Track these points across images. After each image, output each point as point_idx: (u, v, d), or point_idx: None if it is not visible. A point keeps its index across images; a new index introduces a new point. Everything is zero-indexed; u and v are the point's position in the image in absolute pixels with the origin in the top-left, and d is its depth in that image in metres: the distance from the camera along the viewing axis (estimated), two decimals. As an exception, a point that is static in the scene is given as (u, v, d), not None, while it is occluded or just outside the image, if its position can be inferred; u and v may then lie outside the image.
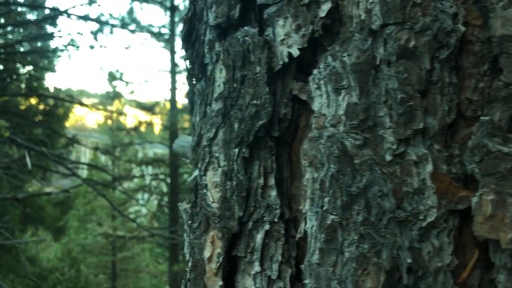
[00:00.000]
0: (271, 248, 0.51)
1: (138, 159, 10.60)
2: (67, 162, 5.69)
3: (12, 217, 10.20)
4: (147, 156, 11.22)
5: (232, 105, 0.53)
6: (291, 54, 0.49)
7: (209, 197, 0.55)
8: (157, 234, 6.95)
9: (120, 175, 8.80)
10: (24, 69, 9.99)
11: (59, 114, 10.28)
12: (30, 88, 10.01)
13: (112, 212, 11.67)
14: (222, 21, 0.54)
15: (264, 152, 0.52)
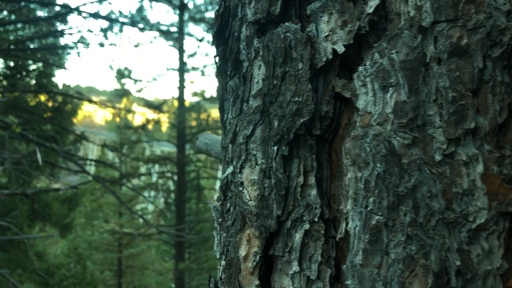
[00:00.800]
0: (310, 248, 0.50)
1: (145, 157, 10.65)
2: (76, 159, 5.73)
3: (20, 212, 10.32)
4: (154, 154, 11.26)
5: (271, 102, 0.52)
6: (336, 51, 0.48)
7: (246, 195, 0.55)
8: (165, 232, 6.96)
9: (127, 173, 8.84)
10: (34, 66, 10.09)
11: (67, 110, 10.37)
12: (39, 85, 10.11)
13: (118, 209, 11.73)
14: (262, 17, 0.54)
15: (304, 150, 0.51)
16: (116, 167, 7.00)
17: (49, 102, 10.56)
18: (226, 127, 0.68)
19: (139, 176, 10.62)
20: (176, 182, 10.36)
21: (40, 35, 8.36)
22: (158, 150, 12.83)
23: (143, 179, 11.74)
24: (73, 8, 7.96)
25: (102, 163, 7.20)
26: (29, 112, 9.25)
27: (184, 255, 10.22)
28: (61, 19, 8.70)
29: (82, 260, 10.57)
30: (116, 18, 8.49)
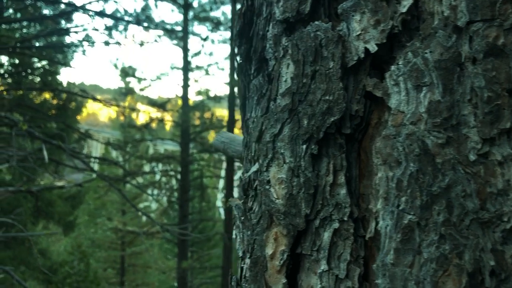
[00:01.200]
0: (339, 246, 0.50)
1: (149, 156, 10.67)
2: (82, 157, 5.75)
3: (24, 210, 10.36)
4: (158, 153, 11.29)
5: (300, 100, 0.52)
6: (368, 50, 0.48)
7: (273, 193, 0.55)
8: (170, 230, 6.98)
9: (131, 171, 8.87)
10: (39, 64, 10.13)
11: (72, 108, 10.40)
12: (44, 83, 10.14)
13: (122, 207, 11.77)
14: (291, 15, 0.54)
15: (333, 149, 0.51)
16: (121, 165, 7.02)
17: (54, 100, 10.59)
18: (249, 125, 0.68)
19: (142, 174, 10.65)
20: (179, 180, 10.38)
21: (45, 33, 8.40)
22: (161, 148, 12.86)
23: (146, 178, 11.77)
24: (78, 6, 7.98)
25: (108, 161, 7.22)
26: (34, 109, 9.28)
27: (187, 254, 10.24)
28: (67, 17, 8.72)
29: (85, 258, 10.61)
30: (121, 17, 8.51)
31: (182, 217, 9.71)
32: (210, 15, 10.36)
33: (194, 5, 10.18)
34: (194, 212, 11.25)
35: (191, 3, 10.13)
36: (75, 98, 9.98)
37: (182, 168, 10.40)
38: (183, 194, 10.08)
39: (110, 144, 9.56)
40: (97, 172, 5.88)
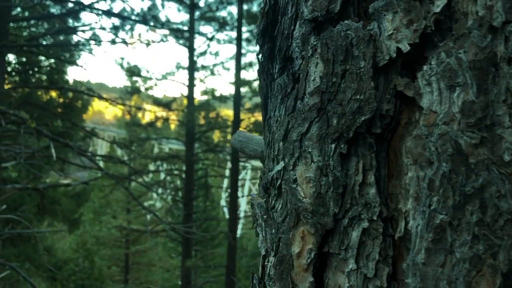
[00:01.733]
0: (367, 246, 0.50)
1: (154, 155, 10.71)
2: (89, 155, 5.79)
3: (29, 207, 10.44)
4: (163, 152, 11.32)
5: (329, 99, 0.52)
6: (400, 49, 0.48)
7: (300, 192, 0.55)
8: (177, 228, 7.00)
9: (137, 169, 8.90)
10: (46, 62, 10.19)
11: (78, 107, 10.45)
12: (51, 81, 10.21)
13: (126, 206, 11.83)
14: (320, 14, 0.54)
15: (362, 148, 0.51)
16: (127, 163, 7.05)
17: (60, 98, 10.65)
18: (272, 124, 0.68)
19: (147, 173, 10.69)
20: (184, 180, 10.41)
21: (53, 31, 8.45)
22: (166, 147, 12.90)
23: (151, 176, 11.82)
24: (86, 5, 8.03)
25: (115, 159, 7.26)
26: (41, 107, 9.35)
27: (191, 253, 10.27)
28: (74, 16, 8.77)
29: (90, 256, 10.68)
30: (128, 16, 8.55)
31: (187, 216, 9.73)
32: (216, 15, 10.37)
33: (200, 5, 10.20)
34: (199, 211, 11.27)
35: (197, 3, 10.14)
36: (81, 97, 10.04)
37: (187, 167, 10.43)
38: (187, 193, 10.10)
39: (115, 142, 9.61)
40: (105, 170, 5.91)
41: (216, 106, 11.36)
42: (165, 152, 11.34)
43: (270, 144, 0.68)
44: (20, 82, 10.41)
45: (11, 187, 7.89)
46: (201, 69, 10.68)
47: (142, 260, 12.60)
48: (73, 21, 8.59)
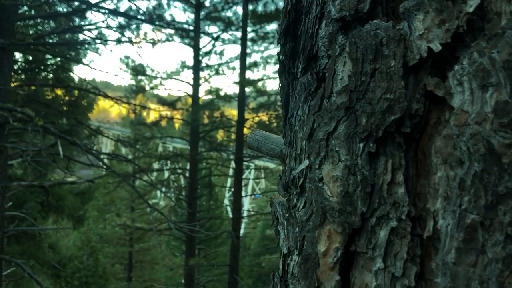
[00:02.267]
0: (395, 245, 0.50)
1: (158, 153, 10.74)
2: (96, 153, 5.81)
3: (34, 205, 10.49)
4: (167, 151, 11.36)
5: (358, 98, 0.52)
6: (431, 49, 0.48)
7: (326, 190, 0.55)
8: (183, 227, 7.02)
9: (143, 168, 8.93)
10: (52, 60, 10.24)
11: (83, 105, 10.50)
12: (57, 79, 10.26)
13: (130, 204, 11.89)
14: (348, 14, 0.54)
15: (391, 147, 0.51)
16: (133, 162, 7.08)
17: (66, 97, 10.71)
18: (294, 123, 0.69)
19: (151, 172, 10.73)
20: (188, 178, 10.44)
21: (60, 30, 8.49)
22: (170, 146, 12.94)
23: (155, 175, 11.86)
24: (92, 4, 8.06)
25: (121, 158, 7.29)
26: (46, 105, 9.39)
27: (195, 251, 10.29)
28: (80, 15, 8.81)
29: (95, 253, 10.73)
30: (134, 15, 8.58)
31: (190, 215, 9.76)
32: (222, 15, 10.38)
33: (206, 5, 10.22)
34: (202, 210, 11.30)
35: (203, 2, 10.16)
36: (87, 95, 10.08)
37: (191, 166, 10.45)
38: (191, 192, 10.13)
39: (120, 141, 9.65)
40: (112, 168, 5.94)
41: (220, 106, 11.37)
42: (169, 151, 11.37)
43: (292, 143, 0.69)
44: (26, 80, 10.48)
45: (17, 184, 7.94)
46: (206, 69, 10.70)
47: (146, 258, 12.65)
48: (79, 20, 8.64)
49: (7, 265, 9.26)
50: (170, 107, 10.54)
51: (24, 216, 8.80)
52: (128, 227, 11.60)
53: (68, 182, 7.36)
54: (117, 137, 10.90)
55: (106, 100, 9.96)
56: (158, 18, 9.23)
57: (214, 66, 10.71)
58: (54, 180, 8.34)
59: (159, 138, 10.85)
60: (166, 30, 10.01)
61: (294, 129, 0.68)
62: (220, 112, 11.18)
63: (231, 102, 11.72)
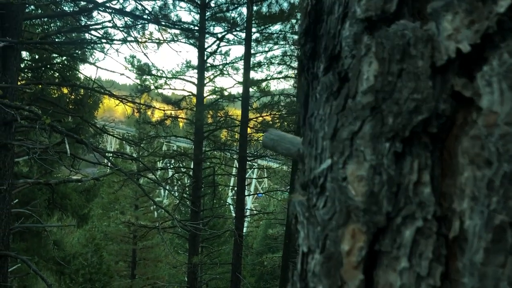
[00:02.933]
0: (421, 245, 0.51)
1: (163, 152, 10.78)
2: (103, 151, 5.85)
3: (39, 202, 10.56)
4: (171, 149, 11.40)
5: (384, 98, 0.52)
6: (460, 50, 0.48)
7: (351, 190, 0.55)
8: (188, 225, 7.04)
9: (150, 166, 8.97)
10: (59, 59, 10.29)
11: (89, 104, 10.53)
12: (63, 78, 10.31)
13: (135, 202, 11.94)
14: (374, 14, 0.54)
15: (417, 147, 0.52)
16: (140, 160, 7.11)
17: (72, 95, 10.75)
18: (314, 123, 0.69)
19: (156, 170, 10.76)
20: (192, 177, 10.46)
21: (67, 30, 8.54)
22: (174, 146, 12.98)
23: (159, 174, 11.90)
24: (99, 3, 8.11)
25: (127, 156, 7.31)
26: (53, 104, 9.46)
27: (198, 249, 10.32)
28: (87, 15, 8.86)
29: (99, 251, 10.79)
30: (140, 15, 8.61)
31: (194, 213, 9.78)
32: (227, 15, 10.40)
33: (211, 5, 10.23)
34: (206, 209, 11.33)
35: (208, 3, 10.18)
36: (92, 94, 10.12)
37: (194, 166, 10.48)
38: (195, 191, 10.15)
39: (125, 140, 9.69)
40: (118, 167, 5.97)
41: (224, 106, 11.39)
42: (174, 150, 11.41)
43: (312, 142, 0.69)
44: (33, 78, 10.54)
45: (23, 182, 8.00)
46: (210, 69, 10.72)
47: (149, 256, 12.70)
48: (86, 20, 8.68)
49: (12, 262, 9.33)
50: (175, 106, 10.57)
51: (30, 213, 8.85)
52: (132, 225, 11.65)
53: (73, 180, 7.41)
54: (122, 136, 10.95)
55: (111, 99, 10.01)
56: (163, 18, 9.26)
57: (219, 66, 10.73)
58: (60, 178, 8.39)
59: (163, 137, 10.89)
60: (171, 30, 10.04)
61: (314, 128, 0.68)
62: (224, 112, 11.20)
63: (235, 102, 11.73)
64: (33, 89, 9.81)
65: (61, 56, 9.87)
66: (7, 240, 7.29)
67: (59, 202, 10.76)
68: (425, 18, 0.54)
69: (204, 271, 11.27)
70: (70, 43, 8.98)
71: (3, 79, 6.69)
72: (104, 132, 9.01)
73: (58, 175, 10.94)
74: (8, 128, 6.85)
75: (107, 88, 9.40)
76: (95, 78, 8.72)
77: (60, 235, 11.89)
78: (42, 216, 10.57)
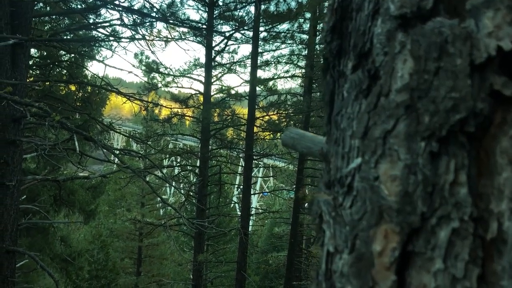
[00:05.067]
0: (457, 246, 0.50)
1: (170, 150, 10.82)
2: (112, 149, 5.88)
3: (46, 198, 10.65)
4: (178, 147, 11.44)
5: (420, 97, 0.51)
6: (500, 48, 0.47)
7: (383, 190, 0.54)
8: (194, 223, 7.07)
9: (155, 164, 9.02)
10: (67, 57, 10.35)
11: (97, 101, 10.59)
12: (71, 75, 10.37)
13: (141, 200, 12.01)
14: (410, 11, 0.53)
15: (454, 147, 0.51)
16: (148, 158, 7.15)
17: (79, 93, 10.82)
18: (341, 121, 0.68)
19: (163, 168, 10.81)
20: (198, 175, 10.49)
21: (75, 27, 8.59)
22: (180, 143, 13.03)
23: (165, 172, 11.95)
24: (107, 1, 8.14)
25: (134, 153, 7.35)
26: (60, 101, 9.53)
27: (203, 247, 10.35)
28: (95, 12, 8.91)
29: (105, 247, 10.87)
30: (148, 13, 8.64)
31: (200, 211, 9.81)
32: (235, 14, 10.39)
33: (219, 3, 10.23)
34: (212, 207, 11.36)
35: (216, 1, 10.18)
36: (100, 91, 10.18)
37: (201, 164, 10.51)
38: (201, 189, 10.18)
39: (132, 137, 9.74)
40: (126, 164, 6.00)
41: (231, 104, 11.40)
42: (180, 148, 11.46)
43: (338, 141, 0.68)
44: (41, 76, 10.62)
45: (31, 178, 8.07)
46: (218, 67, 10.73)
47: (155, 254, 12.77)
48: (94, 17, 8.73)
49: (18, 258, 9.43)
50: (182, 104, 10.60)
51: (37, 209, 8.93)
52: (138, 222, 11.72)
53: (81, 177, 7.47)
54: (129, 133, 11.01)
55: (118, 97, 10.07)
56: (171, 16, 9.28)
57: (226, 64, 10.73)
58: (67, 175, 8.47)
59: (170, 135, 10.93)
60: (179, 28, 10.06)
61: (341, 127, 0.67)
62: (231, 111, 11.21)
63: (242, 101, 11.74)
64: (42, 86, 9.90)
65: (69, 54, 9.94)
66: (15, 236, 7.37)
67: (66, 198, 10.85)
68: (461, 15, 0.53)
69: (209, 269, 11.30)
70: (79, 40, 9.04)
71: (13, 76, 6.75)
72: (111, 130, 9.06)
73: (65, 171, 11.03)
74: (17, 124, 6.92)
75: (114, 86, 9.45)
76: (103, 76, 8.77)
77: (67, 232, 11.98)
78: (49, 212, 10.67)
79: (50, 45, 9.09)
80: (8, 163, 6.70)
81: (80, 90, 10.66)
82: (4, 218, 6.81)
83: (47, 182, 9.43)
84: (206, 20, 10.13)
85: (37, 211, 9.08)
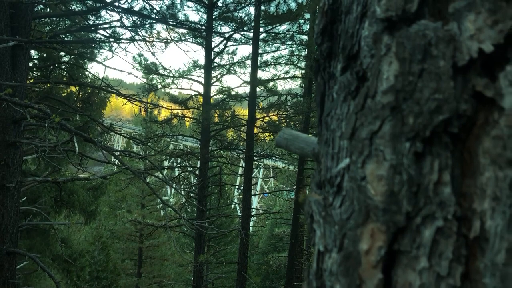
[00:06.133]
0: (441, 244, 0.51)
1: (170, 151, 10.83)
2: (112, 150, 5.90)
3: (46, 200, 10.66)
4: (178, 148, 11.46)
5: (405, 98, 0.52)
6: (482, 50, 0.48)
7: (370, 189, 0.55)
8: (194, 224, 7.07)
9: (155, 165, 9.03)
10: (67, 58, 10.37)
11: (97, 102, 10.60)
12: (71, 76, 10.39)
13: (141, 201, 12.03)
14: (395, 14, 0.54)
15: (438, 147, 0.52)
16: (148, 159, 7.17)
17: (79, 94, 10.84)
18: (330, 122, 0.69)
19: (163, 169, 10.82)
20: (198, 176, 10.50)
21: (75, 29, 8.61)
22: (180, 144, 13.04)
23: (165, 173, 11.96)
24: (107, 2, 8.16)
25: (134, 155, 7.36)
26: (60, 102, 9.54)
27: (204, 248, 10.36)
28: (95, 14, 8.92)
29: (106, 248, 10.88)
30: (148, 15, 8.66)
31: (200, 212, 9.82)
32: (234, 15, 10.41)
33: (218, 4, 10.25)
34: (212, 208, 11.36)
35: (215, 2, 10.20)
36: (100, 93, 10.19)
37: (201, 165, 10.52)
38: (201, 190, 10.19)
39: (132, 138, 9.75)
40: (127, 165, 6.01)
41: (231, 105, 11.41)
42: (180, 149, 11.47)
43: (329, 141, 0.69)
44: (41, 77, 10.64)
45: (32, 180, 8.08)
46: (217, 68, 10.74)
47: (155, 255, 12.77)
48: (94, 19, 8.75)
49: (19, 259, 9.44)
50: (182, 105, 10.61)
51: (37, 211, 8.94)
52: (138, 223, 11.72)
53: (81, 178, 7.48)
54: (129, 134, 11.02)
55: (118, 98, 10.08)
56: (171, 17, 9.30)
57: (226, 65, 10.75)
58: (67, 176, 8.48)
59: (170, 136, 10.94)
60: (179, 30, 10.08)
61: (331, 128, 0.68)
62: (231, 111, 11.22)
63: (242, 102, 11.75)
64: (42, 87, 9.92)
65: (69, 55, 9.96)
66: (16, 238, 7.38)
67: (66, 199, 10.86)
68: (445, 18, 0.54)
69: (210, 270, 11.31)
70: (79, 42, 9.06)
71: (13, 78, 6.77)
72: (112, 131, 9.07)
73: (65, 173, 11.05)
74: (17, 126, 6.93)
75: (114, 87, 9.46)
76: (103, 77, 8.78)
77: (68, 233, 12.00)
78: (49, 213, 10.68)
79: (50, 47, 9.11)
80: (9, 164, 6.71)
81: (81, 92, 10.67)
82: (4, 220, 6.83)
83: (47, 183, 9.45)
84: (206, 21, 10.16)
85: (37, 213, 9.09)
